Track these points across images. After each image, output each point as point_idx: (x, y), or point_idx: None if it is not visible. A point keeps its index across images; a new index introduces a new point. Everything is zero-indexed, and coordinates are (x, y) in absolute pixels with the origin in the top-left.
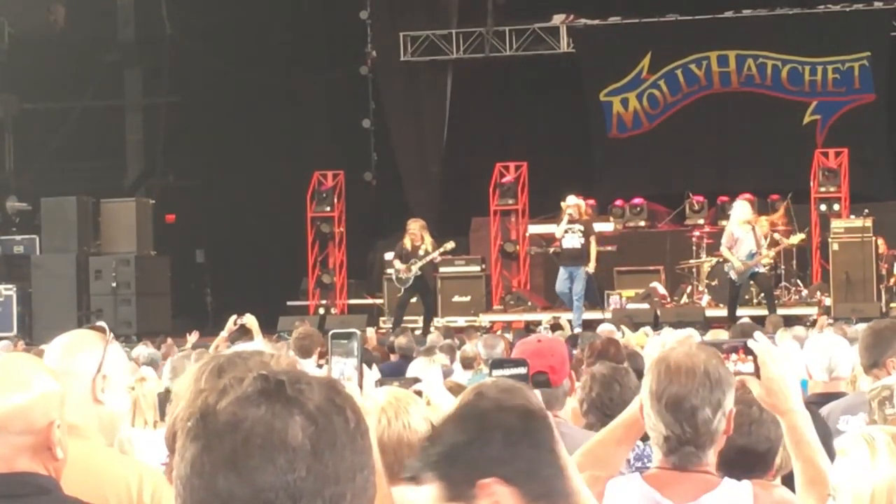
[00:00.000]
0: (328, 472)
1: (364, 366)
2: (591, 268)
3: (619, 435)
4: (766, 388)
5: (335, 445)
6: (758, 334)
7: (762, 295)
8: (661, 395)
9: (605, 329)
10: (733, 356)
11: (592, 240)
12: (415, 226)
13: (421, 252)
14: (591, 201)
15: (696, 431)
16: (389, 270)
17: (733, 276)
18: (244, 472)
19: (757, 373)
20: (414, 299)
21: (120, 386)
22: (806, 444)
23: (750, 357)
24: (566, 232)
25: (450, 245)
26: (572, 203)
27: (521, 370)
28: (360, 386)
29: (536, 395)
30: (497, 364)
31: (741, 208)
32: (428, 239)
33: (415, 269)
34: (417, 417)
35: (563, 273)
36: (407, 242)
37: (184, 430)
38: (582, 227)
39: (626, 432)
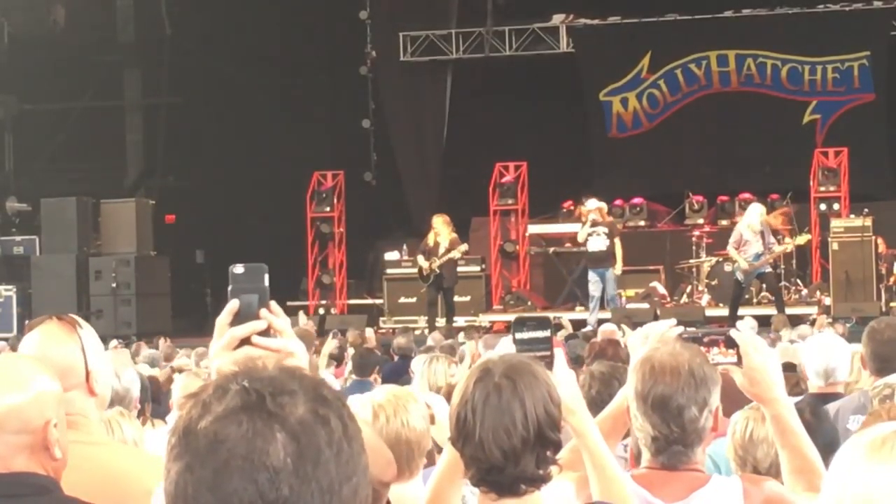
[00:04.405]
0: (312, 488)
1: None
2: (618, 269)
3: (607, 428)
4: (749, 377)
5: (318, 461)
6: (740, 324)
7: (768, 294)
8: (646, 396)
9: (606, 329)
10: (714, 349)
11: (618, 241)
12: (437, 220)
13: (441, 250)
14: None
15: (683, 430)
16: (391, 270)
17: (739, 276)
18: (226, 496)
19: (739, 362)
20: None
21: (105, 373)
22: (791, 432)
23: (732, 350)
24: (590, 235)
25: (463, 247)
26: (594, 206)
27: (544, 333)
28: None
29: (544, 370)
30: (519, 323)
31: (753, 214)
32: (446, 234)
33: (434, 265)
34: (416, 416)
35: (592, 276)
36: (430, 238)
37: (168, 446)
38: (606, 230)
39: (614, 425)
